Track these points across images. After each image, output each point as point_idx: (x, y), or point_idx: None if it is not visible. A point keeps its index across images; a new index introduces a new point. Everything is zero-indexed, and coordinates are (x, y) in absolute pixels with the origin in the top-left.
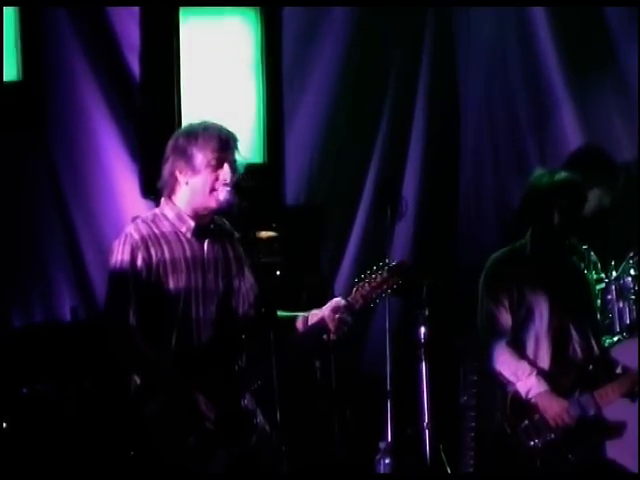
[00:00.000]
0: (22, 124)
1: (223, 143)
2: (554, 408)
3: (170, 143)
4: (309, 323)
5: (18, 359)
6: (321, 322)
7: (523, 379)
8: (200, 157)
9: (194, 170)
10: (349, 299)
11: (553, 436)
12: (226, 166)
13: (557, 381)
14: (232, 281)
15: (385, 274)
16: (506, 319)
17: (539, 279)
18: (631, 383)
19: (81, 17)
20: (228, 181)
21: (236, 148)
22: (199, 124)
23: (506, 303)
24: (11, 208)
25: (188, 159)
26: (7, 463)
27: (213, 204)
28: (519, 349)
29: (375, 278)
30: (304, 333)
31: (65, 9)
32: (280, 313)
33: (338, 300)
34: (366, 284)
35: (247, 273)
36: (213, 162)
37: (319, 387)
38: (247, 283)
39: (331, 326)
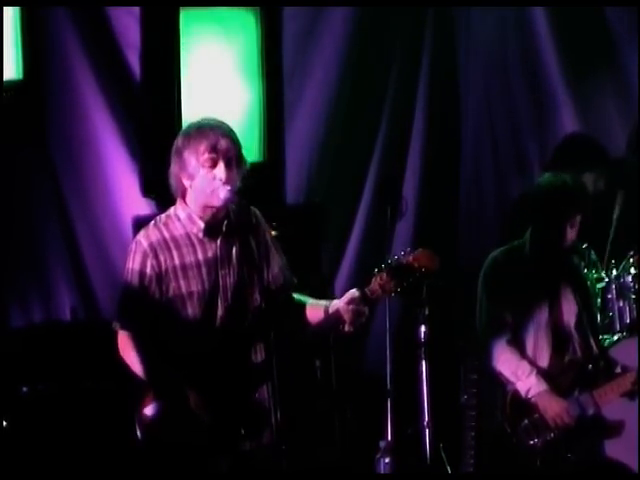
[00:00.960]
0: (23, 123)
1: (213, 142)
2: (554, 408)
3: (173, 144)
4: (329, 312)
5: (18, 359)
6: (336, 313)
7: (523, 378)
8: (193, 160)
9: (190, 174)
10: (366, 290)
11: (553, 435)
12: (221, 165)
13: (556, 380)
14: (252, 274)
15: (405, 264)
16: (505, 318)
17: (538, 278)
18: (630, 382)
19: (82, 17)
20: (225, 179)
21: (234, 144)
22: (195, 124)
23: (505, 302)
24: (11, 207)
25: (183, 163)
26: (7, 463)
27: (215, 203)
28: (518, 348)
29: (395, 268)
30: (320, 324)
31: (66, 9)
32: (304, 299)
33: (353, 291)
34: (384, 274)
35: (274, 261)
36: (207, 163)
37: (319, 387)
38: (273, 271)
39: (346, 317)
